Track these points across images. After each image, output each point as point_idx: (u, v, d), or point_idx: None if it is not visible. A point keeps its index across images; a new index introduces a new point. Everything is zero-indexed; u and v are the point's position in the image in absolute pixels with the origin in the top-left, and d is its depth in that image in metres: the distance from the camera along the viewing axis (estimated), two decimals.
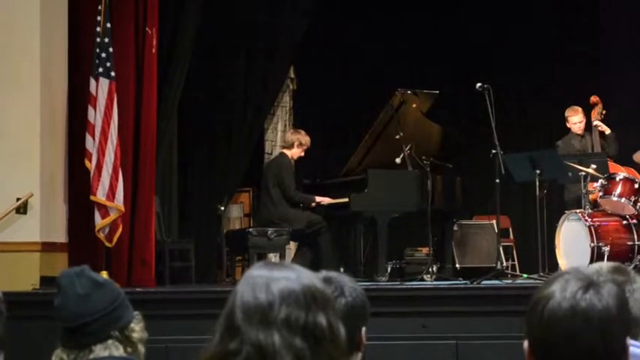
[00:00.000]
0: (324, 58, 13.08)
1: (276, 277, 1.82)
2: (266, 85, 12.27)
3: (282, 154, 10.66)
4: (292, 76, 12.95)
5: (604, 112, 10.51)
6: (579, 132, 10.57)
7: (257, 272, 1.84)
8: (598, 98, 10.53)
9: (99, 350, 2.90)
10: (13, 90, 9.18)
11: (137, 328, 2.99)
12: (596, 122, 10.48)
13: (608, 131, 10.48)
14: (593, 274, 2.00)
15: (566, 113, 10.64)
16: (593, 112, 10.53)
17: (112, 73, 9.35)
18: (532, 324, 1.99)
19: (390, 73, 12.52)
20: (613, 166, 9.94)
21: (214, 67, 12.01)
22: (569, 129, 10.64)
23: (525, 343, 2.03)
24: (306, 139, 10.54)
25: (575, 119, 10.56)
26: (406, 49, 13.11)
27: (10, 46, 9.22)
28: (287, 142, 10.69)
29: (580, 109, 10.57)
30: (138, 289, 8.96)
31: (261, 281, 1.81)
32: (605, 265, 2.80)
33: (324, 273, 2.69)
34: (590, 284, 1.97)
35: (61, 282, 2.96)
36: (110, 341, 2.93)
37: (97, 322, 2.94)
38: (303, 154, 10.55)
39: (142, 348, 3.00)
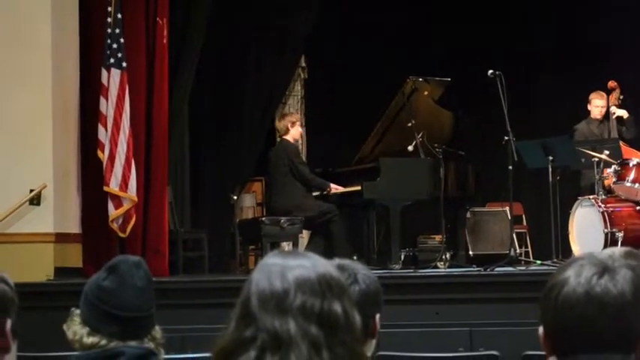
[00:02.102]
0: (335, 47, 13.06)
1: (291, 265, 1.82)
2: (277, 74, 12.26)
3: (283, 141, 10.56)
4: (303, 65, 12.95)
5: (622, 97, 10.49)
6: (599, 116, 10.56)
7: (272, 260, 1.85)
8: (616, 83, 10.51)
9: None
10: (24, 81, 9.19)
11: (159, 330, 2.99)
12: (612, 109, 10.46)
13: (626, 115, 10.46)
14: (608, 259, 2.00)
15: (591, 96, 10.63)
16: (610, 97, 10.51)
17: (124, 64, 9.36)
18: (547, 310, 1.99)
19: (401, 61, 12.50)
20: (627, 151, 9.91)
21: (226, 57, 12.01)
22: (588, 112, 10.62)
23: (540, 329, 2.03)
24: (295, 117, 10.65)
25: (598, 102, 10.55)
26: (417, 36, 13.08)
27: (21, 37, 9.24)
28: (281, 130, 10.57)
29: (605, 94, 10.56)
30: (152, 279, 8.97)
31: (277, 269, 1.81)
32: (618, 249, 2.79)
33: (337, 261, 2.69)
34: (605, 269, 1.97)
35: (120, 268, 2.92)
36: (146, 339, 2.93)
37: (147, 319, 2.93)
38: (301, 129, 10.55)
39: (162, 351, 3.00)
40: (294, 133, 10.46)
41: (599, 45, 12.47)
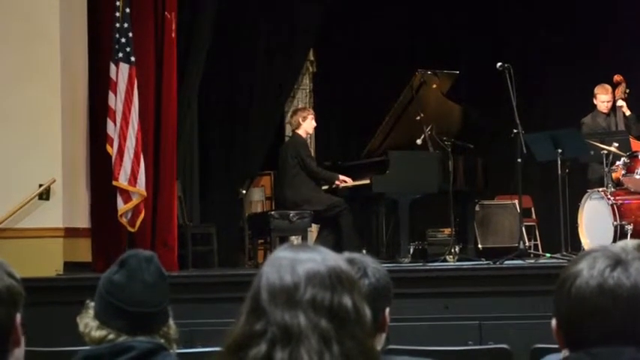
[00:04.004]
0: (343, 40, 13.06)
1: (301, 259, 1.82)
2: (286, 67, 12.27)
3: (294, 134, 10.68)
4: (312, 58, 12.95)
5: (627, 90, 10.46)
6: (605, 111, 10.53)
7: (282, 254, 1.85)
8: (622, 77, 10.47)
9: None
10: (33, 76, 9.21)
11: (173, 326, 2.98)
12: (619, 102, 10.44)
13: (628, 113, 10.44)
14: (621, 252, 1.99)
15: (596, 90, 10.60)
16: (616, 91, 10.48)
17: (132, 58, 9.36)
18: (560, 302, 1.99)
19: (409, 54, 12.49)
20: (636, 144, 9.90)
21: (234, 50, 12.01)
22: (594, 106, 10.60)
23: (553, 321, 2.03)
24: (307, 111, 10.70)
25: (604, 98, 10.51)
26: (426, 29, 13.07)
27: (30, 32, 9.25)
28: (293, 124, 10.72)
29: (610, 87, 10.52)
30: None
31: (287, 263, 1.82)
32: (630, 242, 2.78)
33: (347, 254, 2.69)
34: (618, 262, 1.97)
35: (129, 262, 2.91)
36: (157, 335, 2.91)
37: (157, 315, 2.91)
38: (314, 122, 10.56)
39: (175, 347, 2.98)
40: (307, 126, 10.50)
41: (609, 38, 12.44)
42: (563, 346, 2.02)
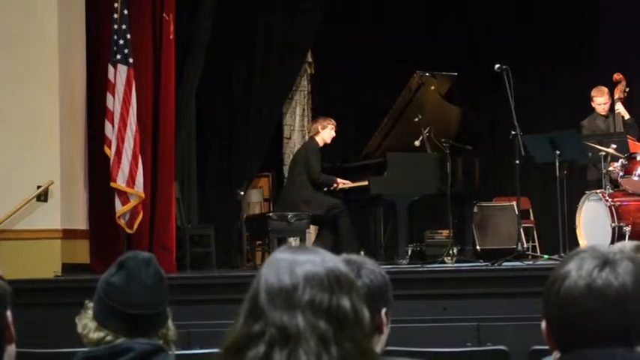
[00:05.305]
0: (341, 42, 13.05)
1: (300, 261, 1.82)
2: (284, 68, 12.27)
3: (311, 139, 10.82)
4: (310, 60, 12.94)
5: (627, 89, 10.44)
6: (603, 113, 10.51)
7: (281, 255, 1.85)
8: (622, 76, 10.44)
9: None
10: (31, 78, 9.20)
11: (172, 328, 2.98)
12: (617, 106, 10.42)
13: (627, 116, 10.42)
14: (609, 252, 1.99)
15: (592, 93, 10.58)
16: (616, 89, 10.45)
17: (130, 60, 9.37)
18: (549, 303, 1.99)
19: (408, 56, 12.48)
20: (634, 146, 9.89)
21: (232, 52, 12.01)
22: (593, 108, 10.59)
23: (543, 323, 2.03)
24: (326, 121, 10.66)
25: (600, 100, 10.49)
26: (424, 30, 13.07)
27: (28, 34, 9.25)
28: (311, 130, 10.97)
29: (606, 89, 10.49)
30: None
31: (286, 264, 1.82)
32: (628, 244, 2.79)
33: (344, 255, 2.68)
34: (606, 262, 1.96)
35: (128, 264, 2.90)
36: (155, 337, 2.91)
37: (155, 317, 2.91)
38: (333, 132, 10.60)
39: (174, 348, 2.98)
40: (325, 135, 10.58)
41: (609, 38, 12.44)
42: (554, 347, 2.01)
